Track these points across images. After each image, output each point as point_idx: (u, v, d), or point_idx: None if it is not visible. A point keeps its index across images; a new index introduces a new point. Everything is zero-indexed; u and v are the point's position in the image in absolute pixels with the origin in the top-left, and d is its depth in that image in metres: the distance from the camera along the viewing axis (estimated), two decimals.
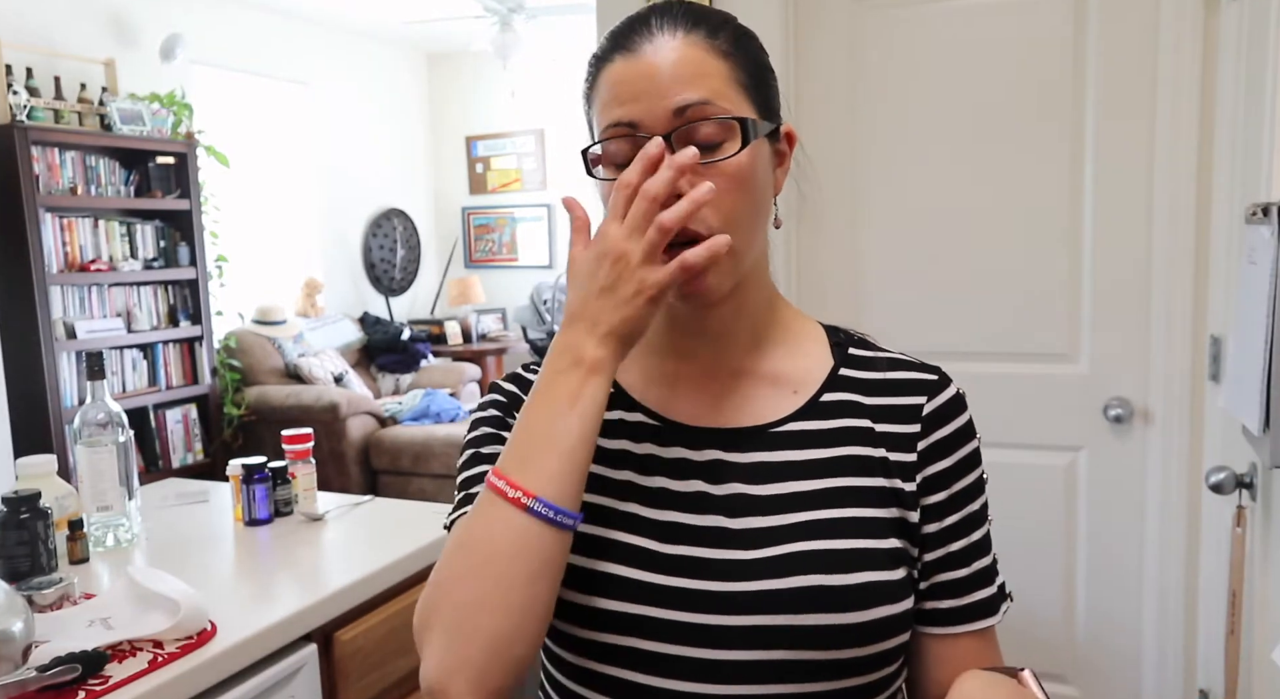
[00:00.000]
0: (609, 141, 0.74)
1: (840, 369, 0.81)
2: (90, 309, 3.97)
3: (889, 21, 2.10)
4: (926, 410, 0.78)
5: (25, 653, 1.08)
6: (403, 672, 1.55)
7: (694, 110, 0.71)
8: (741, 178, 0.72)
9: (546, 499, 0.67)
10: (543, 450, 0.68)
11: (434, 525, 1.70)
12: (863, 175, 2.15)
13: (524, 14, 5.17)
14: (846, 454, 0.77)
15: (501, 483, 0.68)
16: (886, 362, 0.82)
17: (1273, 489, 1.40)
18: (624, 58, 0.74)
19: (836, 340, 0.84)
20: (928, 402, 0.78)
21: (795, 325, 0.84)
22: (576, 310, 0.70)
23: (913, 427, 0.77)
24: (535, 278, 6.46)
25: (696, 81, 0.72)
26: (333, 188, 5.87)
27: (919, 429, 0.77)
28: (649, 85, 0.72)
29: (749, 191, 0.73)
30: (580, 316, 0.69)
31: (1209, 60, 1.84)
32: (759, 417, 0.79)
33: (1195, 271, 1.90)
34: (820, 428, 0.78)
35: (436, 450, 4.55)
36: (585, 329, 0.69)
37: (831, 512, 0.74)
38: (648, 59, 0.73)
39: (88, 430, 1.55)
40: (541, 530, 0.67)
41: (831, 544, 0.72)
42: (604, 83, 0.75)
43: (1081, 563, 2.08)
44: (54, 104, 3.85)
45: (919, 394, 0.79)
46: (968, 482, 0.78)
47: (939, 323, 2.12)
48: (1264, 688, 1.43)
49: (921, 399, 0.78)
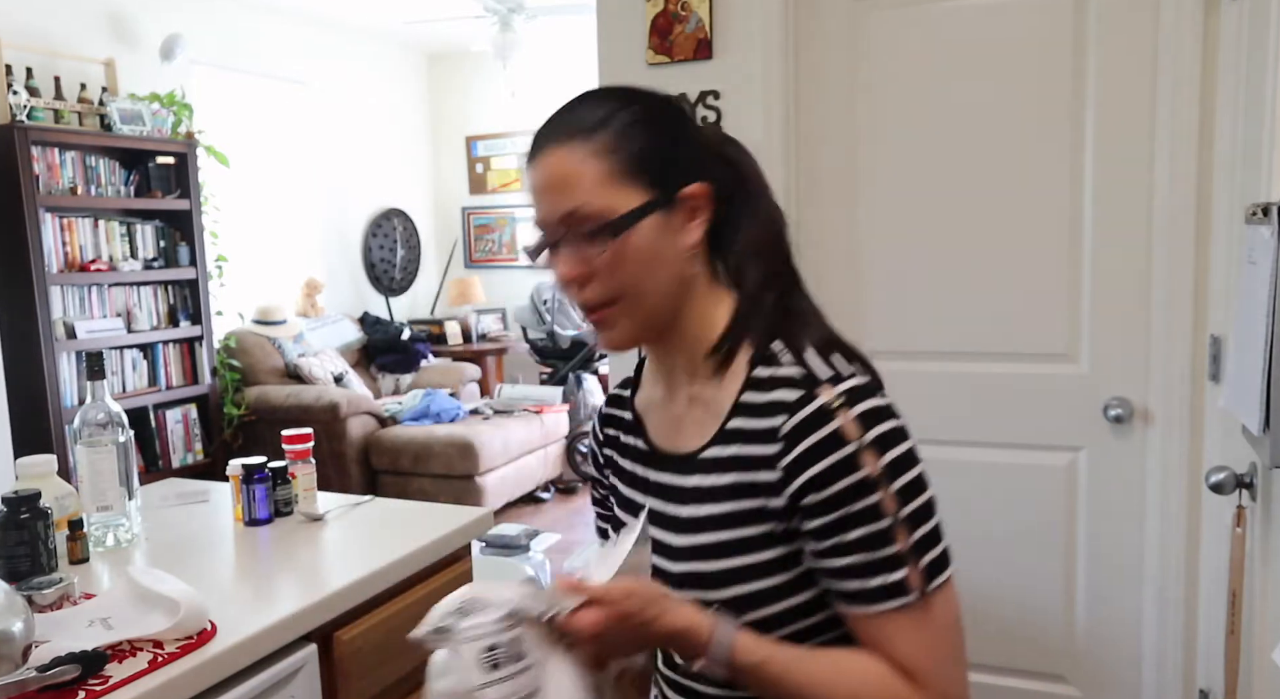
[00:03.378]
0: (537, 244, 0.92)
1: (743, 394, 0.88)
2: (90, 309, 3.97)
3: (889, 21, 2.10)
4: (784, 430, 0.84)
5: (25, 653, 1.08)
6: (403, 672, 1.55)
7: (571, 218, 0.86)
8: (624, 259, 0.85)
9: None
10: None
11: (434, 525, 1.70)
12: (862, 175, 2.15)
13: (524, 14, 5.16)
14: (735, 481, 0.87)
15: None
16: (771, 381, 0.87)
17: (1273, 489, 1.40)
18: (529, 170, 0.89)
19: (754, 361, 0.89)
20: (786, 420, 0.84)
21: (732, 353, 0.91)
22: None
23: (773, 447, 0.84)
24: (535, 278, 6.44)
25: (565, 192, 0.85)
26: (333, 188, 5.87)
27: (779, 448, 0.84)
28: (539, 197, 0.88)
29: (635, 266, 0.86)
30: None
31: (1209, 60, 1.84)
32: (693, 442, 0.91)
33: (1195, 271, 1.90)
34: (720, 456, 0.88)
35: (436, 450, 4.55)
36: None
37: (719, 534, 0.87)
38: (536, 173, 0.88)
39: (88, 430, 1.55)
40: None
41: (712, 565, 0.87)
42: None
43: (1081, 563, 2.08)
44: (54, 104, 3.85)
45: (779, 415, 0.84)
46: (842, 485, 0.81)
47: (939, 323, 2.12)
48: (1264, 688, 1.43)
49: (779, 420, 0.84)
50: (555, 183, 0.86)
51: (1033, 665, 2.14)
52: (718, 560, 0.86)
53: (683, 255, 0.89)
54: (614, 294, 0.87)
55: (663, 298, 0.89)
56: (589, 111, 0.88)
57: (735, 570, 0.86)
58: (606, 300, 0.87)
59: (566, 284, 0.88)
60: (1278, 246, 1.20)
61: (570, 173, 0.85)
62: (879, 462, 0.81)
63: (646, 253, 0.87)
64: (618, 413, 1.04)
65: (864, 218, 2.16)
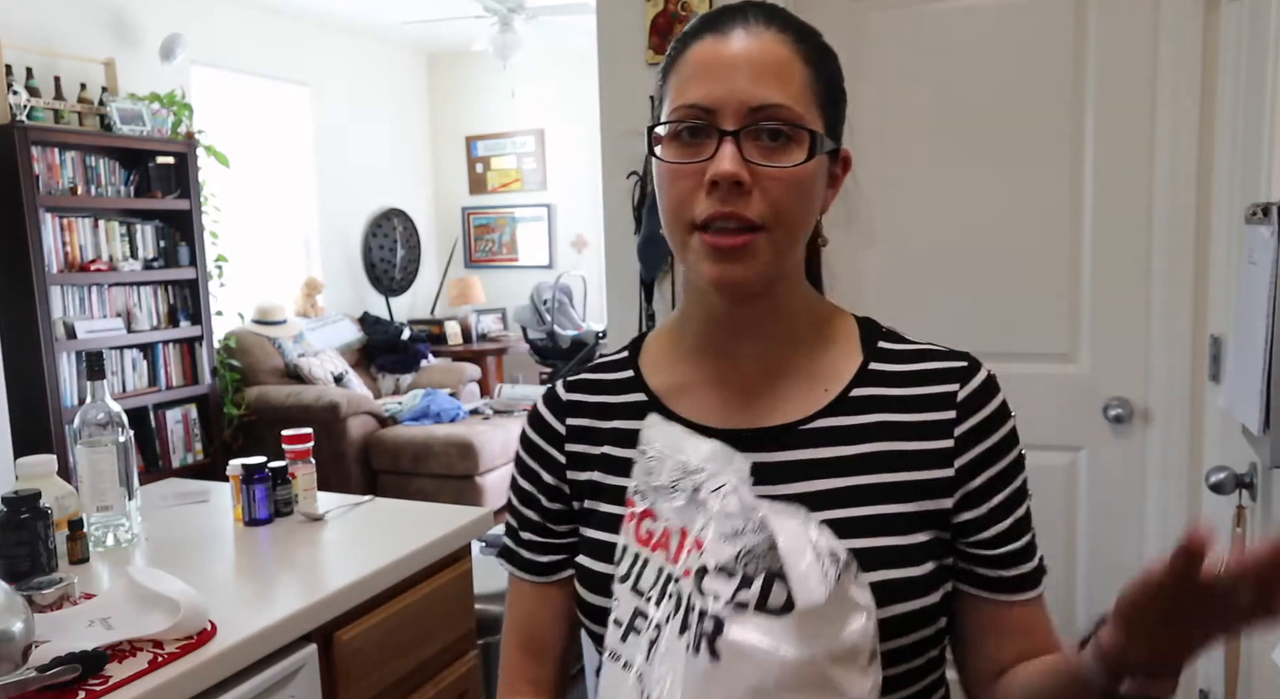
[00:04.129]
0: (678, 123, 0.74)
1: (869, 364, 0.82)
2: (90, 309, 3.97)
3: (889, 21, 2.10)
4: (961, 396, 0.79)
5: (25, 653, 1.08)
6: (403, 672, 1.55)
7: (770, 111, 0.72)
8: (799, 183, 0.73)
9: None
10: None
11: (434, 525, 1.70)
12: (862, 175, 2.14)
13: (524, 14, 5.17)
14: (875, 450, 0.77)
15: None
16: (914, 353, 0.83)
17: (1273, 489, 1.40)
18: (715, 37, 0.74)
19: (867, 334, 0.85)
20: (960, 388, 0.79)
21: (830, 322, 0.86)
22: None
23: (948, 413, 0.78)
24: (535, 278, 6.46)
25: (779, 82, 0.72)
26: (333, 188, 5.87)
27: (954, 416, 0.78)
28: (733, 72, 0.72)
29: (802, 197, 0.74)
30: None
31: (1209, 60, 1.84)
32: (789, 414, 0.80)
33: (1195, 271, 1.90)
34: (848, 424, 0.79)
35: (436, 450, 4.55)
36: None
37: (856, 510, 0.75)
38: (738, 44, 0.73)
39: (88, 430, 1.55)
40: None
41: (853, 543, 0.71)
42: (689, 59, 0.75)
43: (1081, 563, 2.08)
44: (54, 104, 3.85)
45: (951, 382, 0.80)
46: (1006, 462, 0.79)
47: (939, 322, 2.11)
48: (1264, 688, 1.43)
49: (954, 386, 0.80)
50: (765, 67, 0.72)
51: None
52: (862, 539, 0.73)
53: (818, 214, 0.81)
54: (773, 216, 0.73)
55: (800, 245, 0.79)
56: (799, 20, 0.78)
57: (886, 549, 0.74)
58: (762, 221, 0.72)
59: (728, 183, 0.71)
60: (1278, 246, 1.20)
61: (785, 63, 0.73)
62: (1019, 443, 0.82)
63: (816, 188, 0.77)
64: (596, 400, 0.87)
65: (863, 217, 2.15)
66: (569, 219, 6.50)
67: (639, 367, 0.87)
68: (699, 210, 0.72)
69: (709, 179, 0.71)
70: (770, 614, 0.58)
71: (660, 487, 0.68)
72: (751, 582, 0.59)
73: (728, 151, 0.71)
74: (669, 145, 0.75)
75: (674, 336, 0.87)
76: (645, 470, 0.70)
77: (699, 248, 0.74)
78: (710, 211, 0.72)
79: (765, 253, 0.73)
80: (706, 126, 0.72)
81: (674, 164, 0.74)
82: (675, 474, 0.67)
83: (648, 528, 0.69)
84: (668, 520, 0.67)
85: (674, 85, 0.76)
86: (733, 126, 0.71)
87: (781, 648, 0.58)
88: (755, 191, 0.71)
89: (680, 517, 0.66)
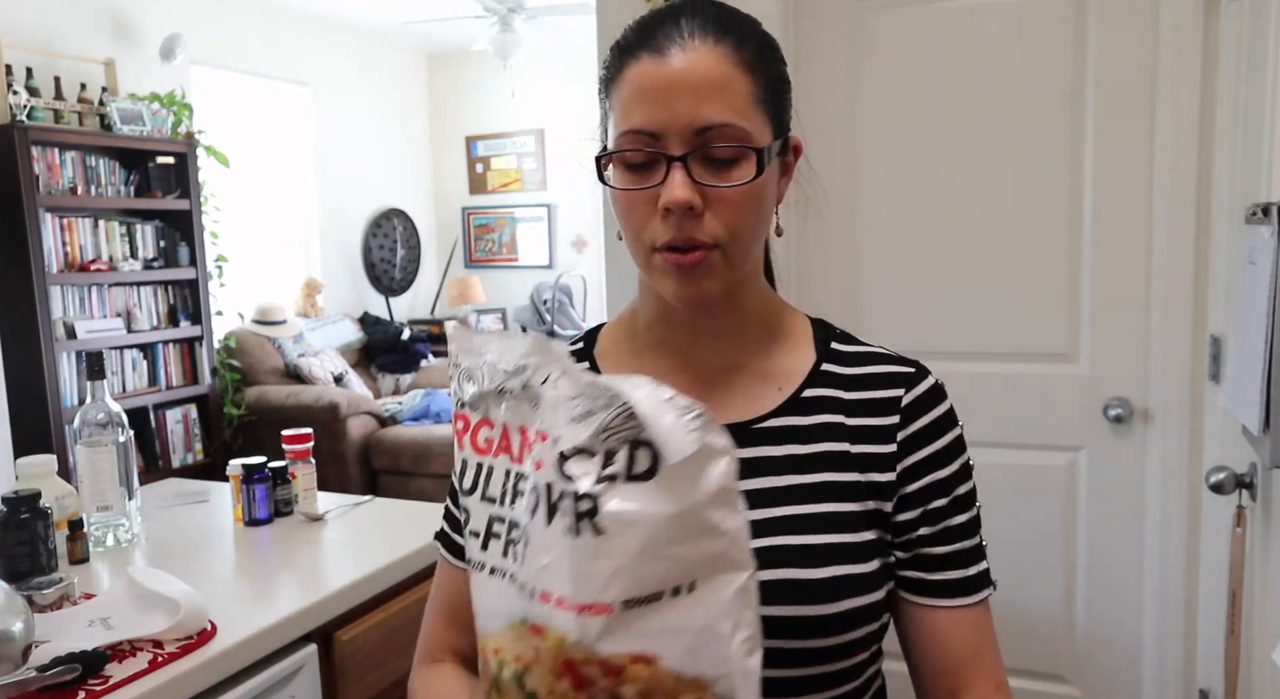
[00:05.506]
0: (625, 151, 0.74)
1: (821, 364, 0.83)
2: (90, 309, 3.97)
3: (889, 21, 2.10)
4: (905, 401, 0.81)
5: (25, 653, 1.08)
6: (403, 672, 1.54)
7: (717, 132, 0.71)
8: (752, 197, 0.74)
9: None
10: None
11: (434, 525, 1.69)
12: (862, 175, 2.15)
13: (524, 14, 5.17)
14: (824, 450, 0.79)
15: None
16: (866, 355, 0.84)
17: (1273, 489, 1.40)
18: (651, 59, 0.72)
19: (820, 335, 0.86)
20: (905, 393, 0.81)
21: (785, 321, 0.86)
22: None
23: (892, 418, 0.80)
24: (535, 278, 6.46)
25: (722, 99, 0.71)
26: (333, 188, 5.87)
27: (898, 420, 0.80)
28: (673, 97, 0.71)
29: (755, 210, 0.75)
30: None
31: (1209, 60, 1.84)
32: (743, 413, 0.81)
33: (1195, 271, 1.90)
34: (799, 424, 0.80)
35: (436, 450, 4.55)
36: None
37: (806, 507, 0.77)
38: (675, 66, 0.71)
39: (88, 430, 1.55)
40: None
41: (805, 539, 0.76)
42: (628, 80, 0.74)
43: (1081, 563, 2.08)
44: (54, 104, 3.85)
45: (897, 387, 0.81)
46: (951, 469, 0.80)
47: (938, 322, 2.12)
48: (1264, 688, 1.43)
49: (899, 391, 0.81)
50: (706, 85, 0.71)
51: (1032, 665, 2.14)
52: (813, 535, 0.76)
53: (774, 215, 0.80)
54: (728, 234, 0.73)
55: (755, 251, 0.79)
56: (735, 15, 0.76)
57: (833, 547, 0.76)
58: (715, 241, 0.73)
59: (680, 209, 0.71)
60: (1278, 246, 1.20)
61: (726, 78, 0.72)
62: (966, 451, 0.82)
63: (768, 196, 0.77)
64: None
65: (863, 217, 2.16)
66: (569, 219, 6.50)
67: (594, 358, 0.89)
68: (657, 235, 0.74)
69: (662, 206, 0.72)
70: (640, 480, 0.59)
71: (487, 393, 0.67)
72: (614, 454, 0.60)
73: (677, 179, 0.71)
74: (619, 170, 0.75)
75: (628, 330, 0.89)
76: (467, 379, 0.69)
77: (661, 266, 0.75)
78: (667, 237, 0.73)
79: (721, 268, 0.75)
80: (654, 153, 0.72)
81: (626, 190, 0.75)
82: (499, 378, 0.67)
83: (485, 436, 0.68)
84: (505, 423, 0.67)
85: (617, 106, 0.75)
86: (680, 151, 0.71)
87: (660, 506, 0.59)
88: (708, 213, 0.72)
89: (516, 416, 0.66)
